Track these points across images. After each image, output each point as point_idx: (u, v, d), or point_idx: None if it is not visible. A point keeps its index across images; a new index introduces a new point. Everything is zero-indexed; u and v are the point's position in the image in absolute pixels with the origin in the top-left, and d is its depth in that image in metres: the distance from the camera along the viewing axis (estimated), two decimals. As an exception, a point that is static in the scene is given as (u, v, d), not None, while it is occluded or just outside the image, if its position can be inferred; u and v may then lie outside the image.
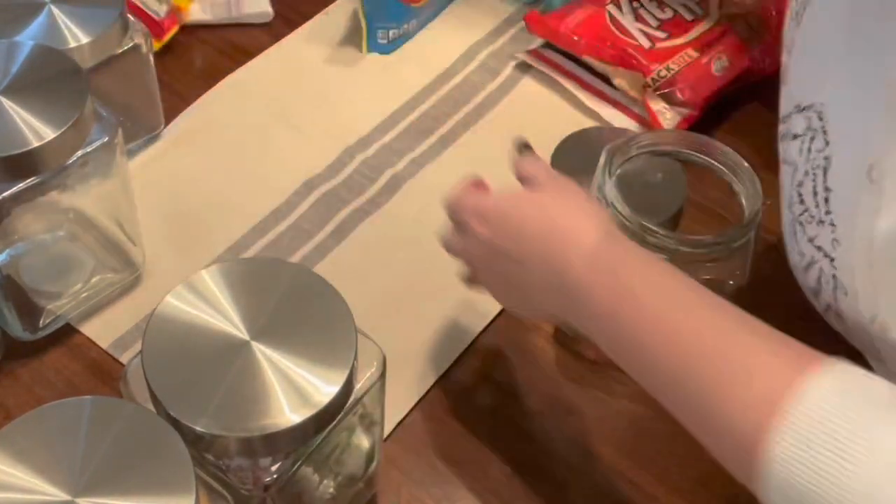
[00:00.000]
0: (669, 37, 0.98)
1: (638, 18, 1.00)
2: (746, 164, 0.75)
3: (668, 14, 1.00)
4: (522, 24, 1.04)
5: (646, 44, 0.98)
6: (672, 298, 0.59)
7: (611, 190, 0.73)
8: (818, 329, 0.65)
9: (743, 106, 1.00)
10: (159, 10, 1.00)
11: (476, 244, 0.68)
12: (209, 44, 1.05)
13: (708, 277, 0.68)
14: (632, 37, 0.98)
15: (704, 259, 0.72)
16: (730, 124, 0.99)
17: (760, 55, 0.99)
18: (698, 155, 0.77)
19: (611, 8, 1.00)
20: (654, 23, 1.00)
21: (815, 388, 0.50)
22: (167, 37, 1.00)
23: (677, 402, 0.57)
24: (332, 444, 0.64)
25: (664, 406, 0.59)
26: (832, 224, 0.63)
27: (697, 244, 0.72)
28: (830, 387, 0.50)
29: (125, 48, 0.85)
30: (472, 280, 0.75)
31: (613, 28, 0.99)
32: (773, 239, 0.76)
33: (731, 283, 0.74)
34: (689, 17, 1.00)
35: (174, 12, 1.01)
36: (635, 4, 1.01)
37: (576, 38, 0.99)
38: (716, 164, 0.76)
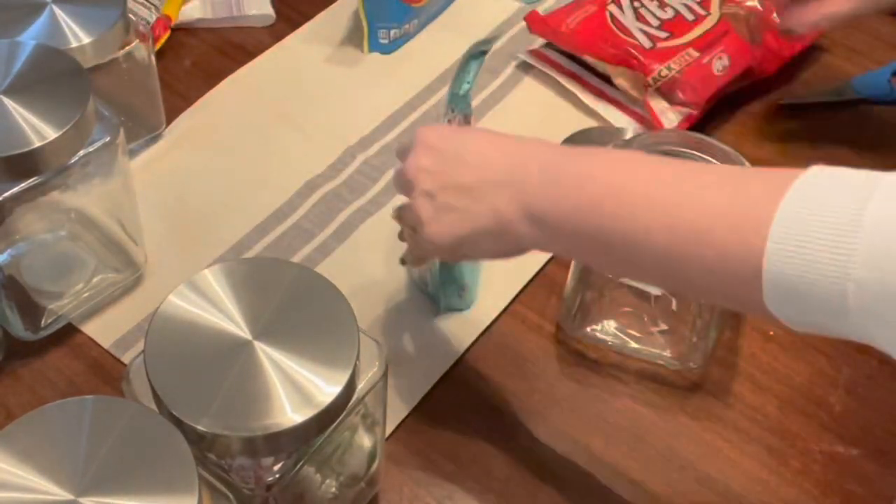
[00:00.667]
0: (670, 36, 0.98)
1: (639, 18, 1.00)
2: (747, 164, 0.75)
3: (669, 14, 1.00)
4: (523, 23, 1.04)
5: (647, 43, 0.98)
6: (639, 169, 0.60)
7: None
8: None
9: (744, 105, 1.00)
10: (149, 18, 1.00)
11: (427, 180, 0.66)
12: (210, 44, 1.05)
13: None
14: (633, 36, 0.98)
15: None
16: (731, 124, 0.99)
17: (761, 55, 0.99)
18: (699, 154, 0.77)
19: (612, 8, 1.01)
20: (655, 22, 1.00)
21: (793, 201, 0.51)
22: (158, 44, 1.00)
23: (672, 263, 0.57)
24: (334, 444, 0.64)
25: (657, 282, 0.60)
26: None
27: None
28: (809, 188, 0.51)
29: (127, 48, 0.85)
30: (415, 249, 0.72)
31: (614, 27, 0.99)
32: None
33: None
34: (690, 17, 1.00)
35: (163, 19, 1.01)
36: (636, 4, 1.01)
37: (576, 37, 0.99)
38: (717, 163, 0.76)
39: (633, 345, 0.81)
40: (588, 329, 0.82)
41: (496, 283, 0.85)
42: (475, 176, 0.64)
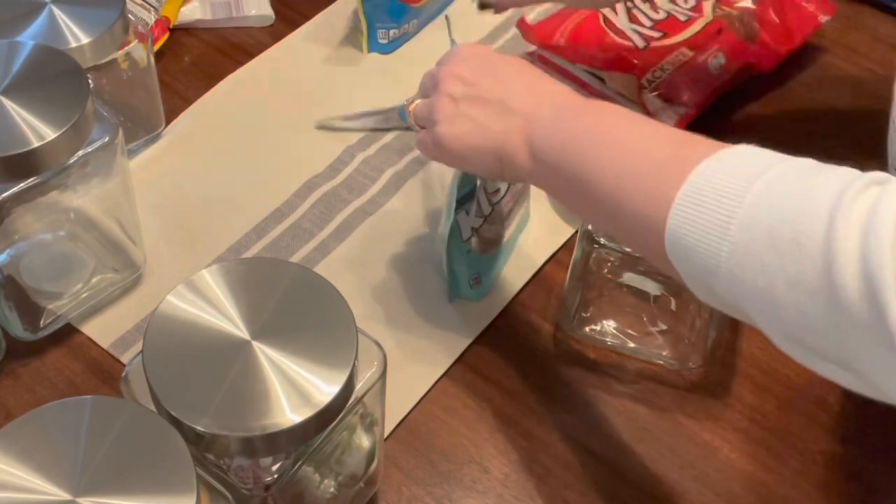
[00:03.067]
0: (664, 36, 0.98)
1: (632, 19, 1.00)
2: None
3: (662, 15, 1.00)
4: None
5: (640, 43, 0.98)
6: (616, 119, 0.66)
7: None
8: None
9: (741, 104, 1.00)
10: (148, 19, 1.00)
11: (456, 85, 0.71)
12: (209, 44, 1.05)
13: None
14: (626, 37, 0.98)
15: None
16: (728, 123, 0.99)
17: (758, 52, 0.99)
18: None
19: (604, 10, 1.00)
20: (648, 23, 1.00)
21: (706, 166, 0.56)
22: (157, 45, 1.00)
23: (614, 206, 0.61)
24: (333, 444, 0.64)
25: (605, 225, 0.69)
26: None
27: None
28: (726, 157, 0.57)
29: (126, 48, 0.85)
30: (421, 146, 0.76)
31: (607, 29, 0.99)
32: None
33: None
34: (682, 17, 1.00)
35: (163, 21, 1.01)
36: (629, 5, 1.01)
37: (568, 47, 0.99)
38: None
39: (632, 345, 0.81)
40: (587, 329, 0.82)
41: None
42: (501, 97, 0.70)
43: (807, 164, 0.54)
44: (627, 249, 0.79)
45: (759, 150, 0.57)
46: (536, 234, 0.89)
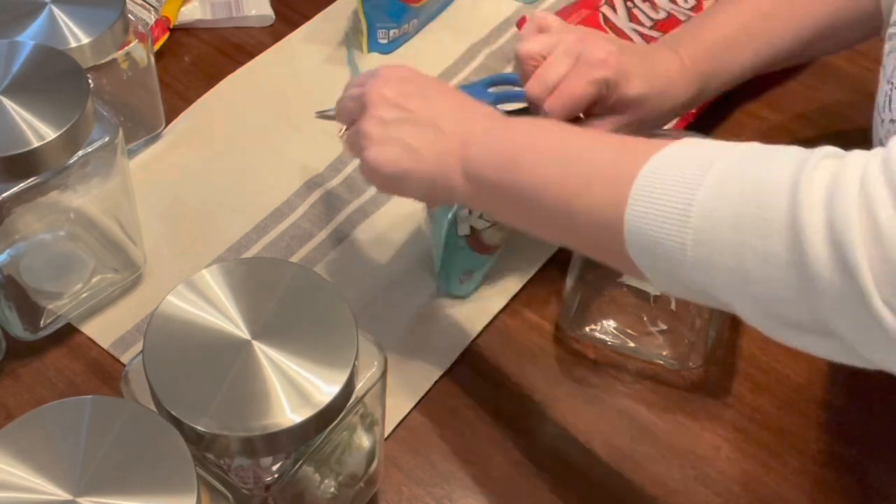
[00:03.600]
0: (664, 36, 0.98)
1: (632, 19, 1.00)
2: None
3: (662, 15, 1.00)
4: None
5: (640, 43, 0.98)
6: (551, 132, 0.66)
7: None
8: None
9: (741, 104, 1.00)
10: (148, 19, 1.00)
11: (385, 108, 0.70)
12: (209, 44, 1.05)
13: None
14: (626, 37, 0.98)
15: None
16: (728, 123, 0.99)
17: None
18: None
19: (605, 9, 1.00)
20: (648, 23, 1.00)
21: (657, 160, 0.57)
22: (157, 45, 1.00)
23: (562, 215, 0.62)
24: (333, 444, 0.64)
25: (555, 236, 0.68)
26: None
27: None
28: (674, 151, 0.58)
29: (125, 48, 0.85)
30: (362, 171, 0.74)
31: (608, 29, 0.99)
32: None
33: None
34: (682, 17, 1.00)
35: (163, 21, 1.01)
36: (629, 4, 1.01)
37: None
38: None
39: (632, 344, 0.81)
40: (587, 329, 0.82)
41: (495, 283, 0.85)
42: (430, 119, 0.69)
43: (756, 146, 0.56)
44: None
45: (705, 141, 0.58)
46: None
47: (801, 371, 0.81)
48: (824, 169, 0.51)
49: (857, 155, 0.52)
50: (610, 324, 0.82)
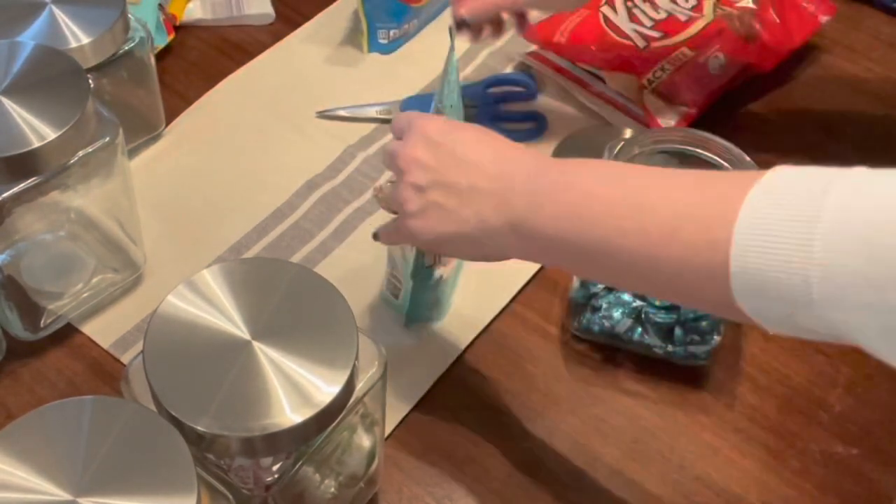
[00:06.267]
0: (664, 36, 0.98)
1: (632, 19, 1.00)
2: (749, 159, 0.75)
3: (662, 15, 1.00)
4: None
5: (640, 43, 0.98)
6: (613, 176, 0.62)
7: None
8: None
9: (741, 104, 1.00)
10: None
11: (419, 173, 0.66)
12: (209, 44, 1.05)
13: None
14: (626, 37, 0.98)
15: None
16: (729, 122, 0.99)
17: (758, 52, 0.99)
18: (701, 151, 0.77)
19: (605, 9, 1.00)
20: (648, 23, 1.00)
21: (757, 195, 0.53)
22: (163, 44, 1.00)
23: (645, 265, 0.58)
24: (334, 444, 0.64)
25: (634, 286, 0.63)
26: None
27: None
28: (772, 184, 0.53)
29: (126, 48, 0.85)
30: (394, 234, 0.72)
31: (608, 29, 0.99)
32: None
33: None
34: (683, 17, 1.00)
35: (168, 19, 1.01)
36: (629, 4, 1.01)
37: (569, 47, 0.99)
38: (719, 160, 0.76)
39: (639, 340, 0.81)
40: (590, 328, 0.82)
41: (495, 283, 0.85)
42: (466, 179, 0.65)
43: (864, 170, 0.52)
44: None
45: (800, 168, 0.54)
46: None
47: (802, 371, 0.81)
48: None
49: None
50: (612, 324, 0.82)
